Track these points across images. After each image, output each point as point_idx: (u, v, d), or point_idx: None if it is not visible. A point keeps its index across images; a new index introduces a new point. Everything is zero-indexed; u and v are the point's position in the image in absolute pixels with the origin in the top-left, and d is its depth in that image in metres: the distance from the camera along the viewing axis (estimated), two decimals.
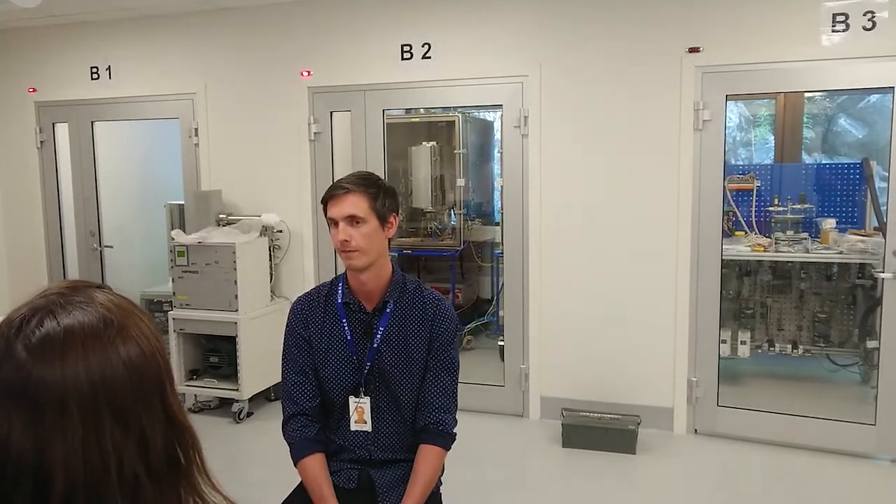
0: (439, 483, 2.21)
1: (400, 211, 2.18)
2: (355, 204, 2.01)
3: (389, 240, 2.12)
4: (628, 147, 4.20)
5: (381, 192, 2.05)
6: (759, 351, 4.93)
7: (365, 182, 2.05)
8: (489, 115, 6.53)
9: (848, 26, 3.75)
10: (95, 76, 5.30)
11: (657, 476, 3.80)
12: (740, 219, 4.92)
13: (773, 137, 6.25)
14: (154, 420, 0.85)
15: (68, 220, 5.64)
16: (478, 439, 4.11)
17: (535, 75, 4.32)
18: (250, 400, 4.59)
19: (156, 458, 0.85)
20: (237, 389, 4.50)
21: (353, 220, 2.00)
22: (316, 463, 2.07)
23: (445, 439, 2.12)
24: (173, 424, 0.88)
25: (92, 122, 5.44)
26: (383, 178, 2.32)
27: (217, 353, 4.65)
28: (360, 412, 2.11)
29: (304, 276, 4.90)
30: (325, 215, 2.07)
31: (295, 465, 2.10)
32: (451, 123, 5.86)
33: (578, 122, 4.29)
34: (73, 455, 0.79)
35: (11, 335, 0.82)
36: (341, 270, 2.20)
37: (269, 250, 4.83)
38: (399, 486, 2.08)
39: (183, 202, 5.29)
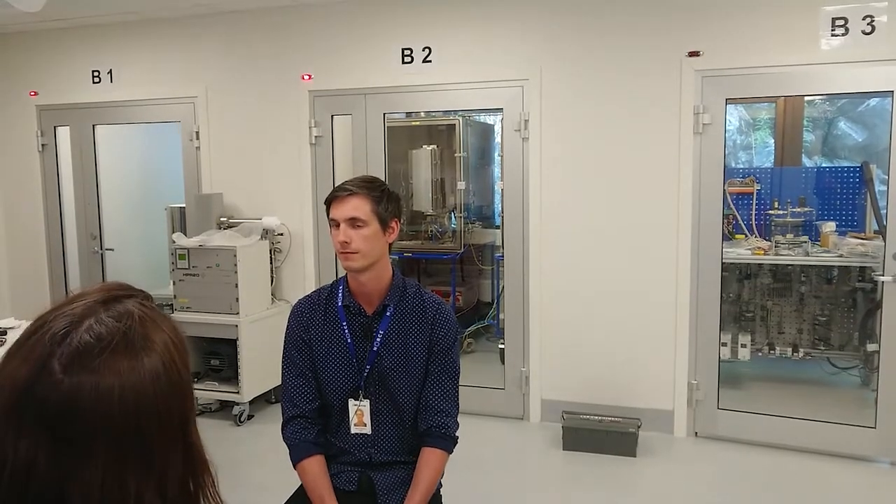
0: (440, 485, 2.21)
1: (402, 217, 2.19)
2: (358, 206, 2.01)
3: (390, 244, 2.13)
4: (628, 150, 4.21)
5: (384, 196, 2.06)
6: (760, 354, 4.94)
7: (369, 186, 2.06)
8: (490, 119, 6.54)
9: (847, 30, 3.76)
10: (97, 80, 5.32)
11: (658, 479, 3.80)
12: (740, 222, 4.92)
13: (773, 141, 6.26)
14: (176, 454, 0.84)
15: (69, 222, 5.66)
16: (478, 442, 4.11)
17: (536, 79, 4.33)
18: (251, 403, 4.59)
19: (172, 491, 0.83)
20: (238, 392, 4.50)
21: (354, 222, 2.01)
22: (315, 465, 2.07)
23: (448, 442, 2.12)
24: (191, 456, 0.87)
25: (93, 126, 5.46)
26: (385, 181, 2.32)
27: (218, 356, 4.66)
28: (359, 415, 2.12)
29: (304, 279, 4.91)
30: (328, 216, 2.07)
31: (294, 467, 2.11)
32: (452, 127, 5.87)
33: (579, 125, 4.30)
34: (94, 487, 0.77)
35: (54, 350, 0.79)
36: (342, 274, 2.20)
37: (270, 253, 4.84)
38: (399, 488, 2.09)
39: (184, 205, 5.30)
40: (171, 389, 0.83)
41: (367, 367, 2.10)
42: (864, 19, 3.73)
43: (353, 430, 2.13)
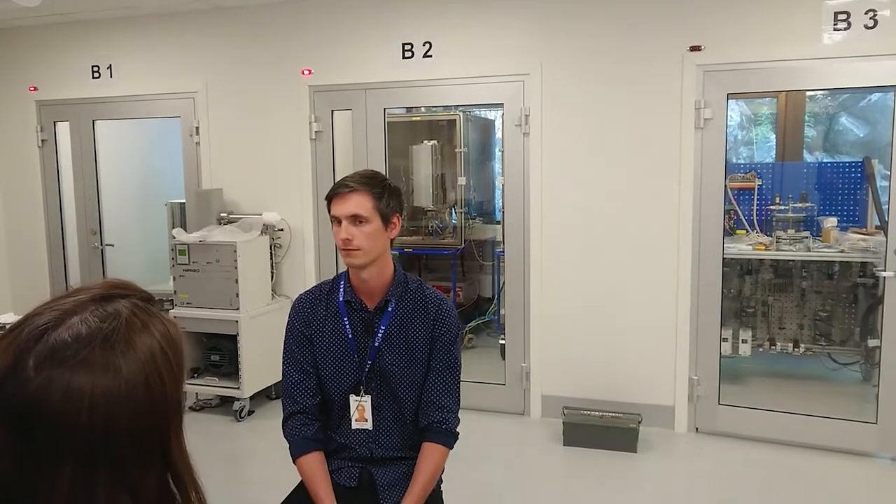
0: (440, 482, 2.21)
1: (403, 212, 2.18)
2: (359, 203, 2.00)
3: (392, 240, 2.12)
4: (629, 145, 4.20)
5: (385, 192, 2.04)
6: (761, 349, 4.93)
7: (370, 182, 2.04)
8: (490, 114, 6.53)
9: (850, 25, 3.74)
10: (96, 75, 5.30)
11: (658, 474, 3.80)
12: (741, 217, 4.92)
13: (774, 136, 6.25)
14: (150, 472, 0.78)
15: (69, 218, 5.65)
16: (479, 438, 4.10)
17: (537, 74, 4.31)
18: (251, 398, 4.59)
19: None
20: (238, 388, 4.50)
21: (355, 219, 1.99)
22: (314, 461, 2.07)
23: (449, 438, 2.12)
24: (174, 475, 0.81)
25: (93, 121, 5.45)
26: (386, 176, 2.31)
27: (218, 352, 4.65)
28: (360, 410, 2.11)
29: (305, 274, 4.90)
30: (329, 212, 2.06)
31: (294, 462, 2.10)
32: (453, 122, 5.86)
33: (580, 120, 4.28)
34: (60, 497, 0.73)
35: (30, 346, 0.75)
36: (342, 269, 2.19)
37: (270, 249, 4.84)
38: (400, 483, 2.08)
39: (184, 201, 5.30)
40: (150, 401, 0.77)
41: (369, 362, 2.09)
42: (866, 13, 3.71)
43: (354, 425, 2.12)
